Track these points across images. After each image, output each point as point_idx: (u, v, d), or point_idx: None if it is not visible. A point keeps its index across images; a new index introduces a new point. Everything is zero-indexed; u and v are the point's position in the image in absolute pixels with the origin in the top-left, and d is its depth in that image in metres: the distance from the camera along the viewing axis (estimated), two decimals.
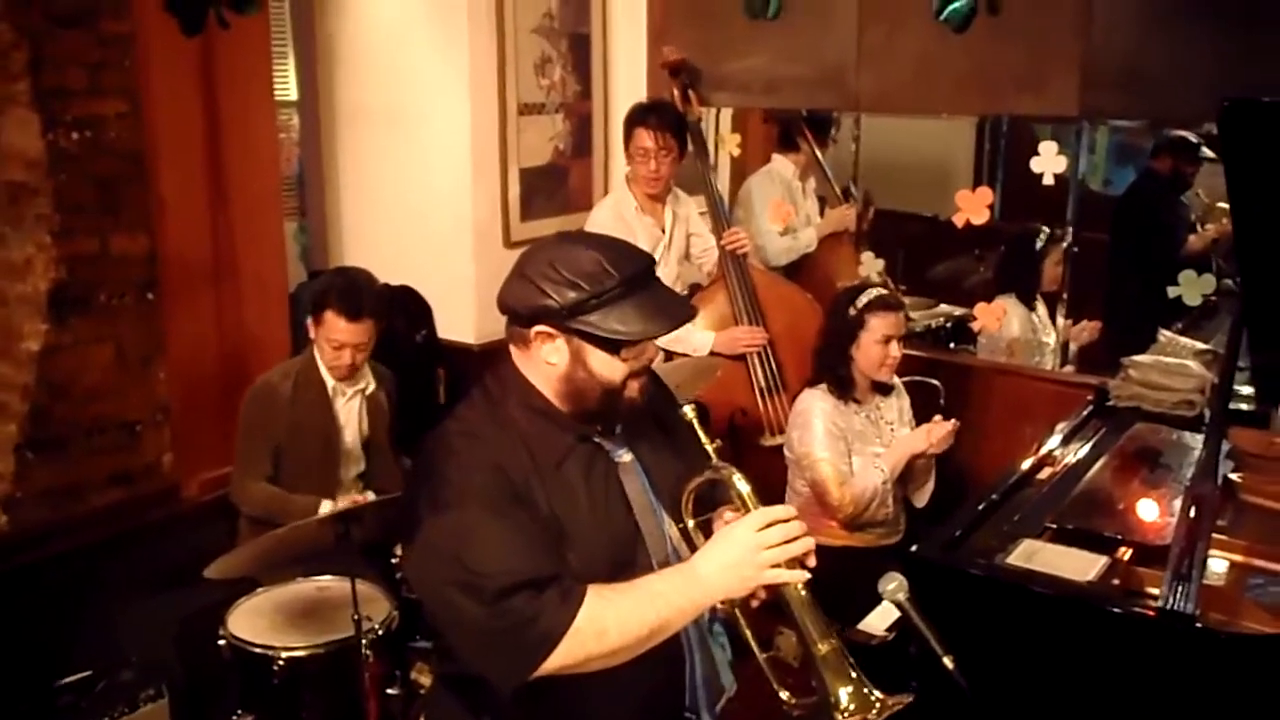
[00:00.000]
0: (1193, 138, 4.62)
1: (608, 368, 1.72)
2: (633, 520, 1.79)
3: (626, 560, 1.77)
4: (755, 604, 1.78)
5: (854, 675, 1.63)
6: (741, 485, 1.74)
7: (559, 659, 1.61)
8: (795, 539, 1.64)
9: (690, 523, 1.82)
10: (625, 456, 1.81)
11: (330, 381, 3.20)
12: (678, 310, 1.77)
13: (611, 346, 1.70)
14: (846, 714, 1.60)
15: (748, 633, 1.82)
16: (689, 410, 1.85)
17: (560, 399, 1.75)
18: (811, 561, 1.67)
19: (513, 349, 1.78)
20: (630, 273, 1.69)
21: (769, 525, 1.65)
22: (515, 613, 1.60)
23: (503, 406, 1.75)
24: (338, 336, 3.08)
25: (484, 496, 1.65)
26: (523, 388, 1.76)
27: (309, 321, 3.16)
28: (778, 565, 1.64)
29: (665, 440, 1.89)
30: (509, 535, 1.64)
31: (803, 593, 1.66)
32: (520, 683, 1.63)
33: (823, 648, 1.64)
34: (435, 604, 1.70)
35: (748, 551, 1.64)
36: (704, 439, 1.80)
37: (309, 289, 3.26)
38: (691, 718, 1.88)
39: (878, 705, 1.60)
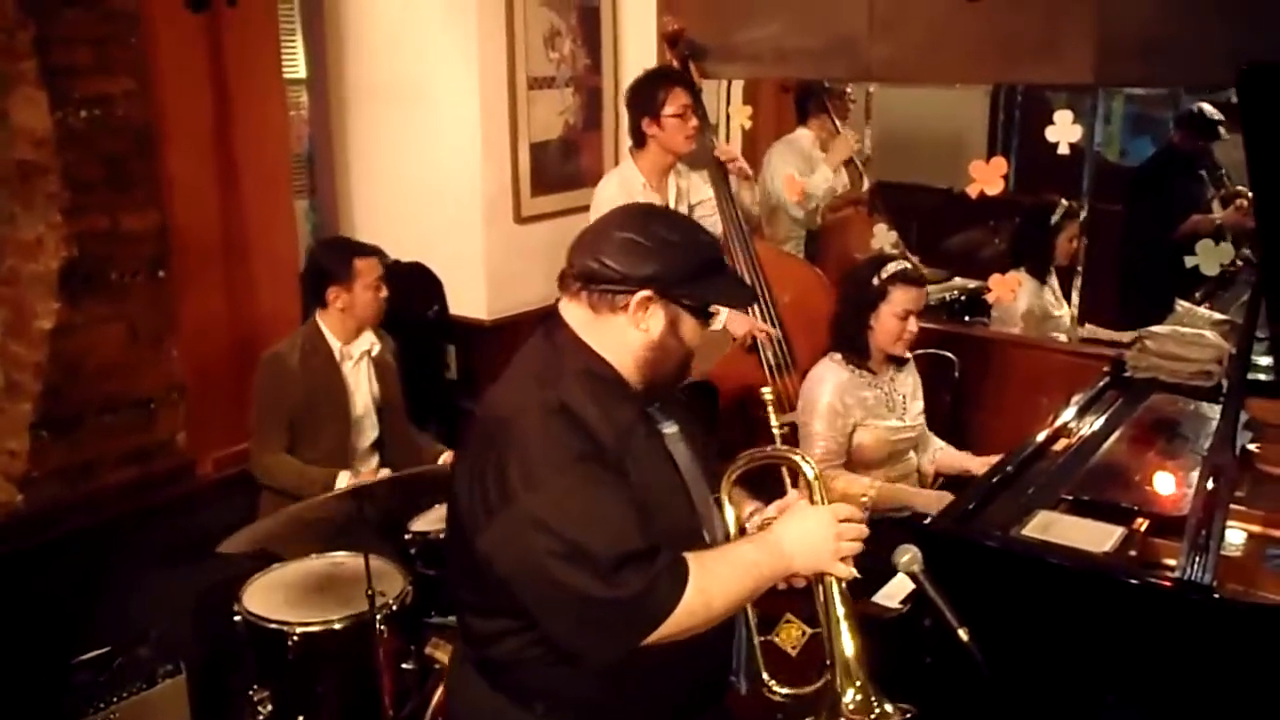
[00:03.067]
0: (1203, 109, 4.57)
1: (694, 336, 1.76)
2: (686, 489, 1.80)
3: (688, 529, 1.78)
4: (783, 587, 1.79)
5: (866, 680, 1.69)
6: (810, 470, 1.80)
7: (665, 630, 1.60)
8: (860, 540, 1.73)
9: (726, 496, 1.84)
10: (671, 428, 1.82)
11: (336, 345, 3.22)
12: (748, 287, 1.89)
13: (704, 316, 1.76)
14: (848, 710, 1.66)
15: (751, 613, 1.83)
16: (767, 392, 2.01)
17: (638, 366, 1.74)
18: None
19: (582, 314, 1.73)
20: (719, 247, 1.80)
21: (846, 519, 1.73)
22: (631, 584, 1.56)
23: (564, 373, 1.70)
24: (374, 275, 3.20)
25: (584, 464, 1.61)
26: (585, 354, 1.73)
27: (334, 290, 3.16)
28: (844, 558, 1.71)
29: (687, 416, 1.89)
30: (615, 504, 1.61)
31: (844, 589, 1.73)
32: (621, 656, 1.61)
33: (849, 646, 1.70)
34: (533, 579, 1.61)
35: (830, 538, 1.71)
36: (774, 421, 1.91)
37: (320, 264, 3.26)
38: (734, 680, 1.90)
39: (877, 712, 1.66)
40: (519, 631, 1.70)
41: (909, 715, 1.66)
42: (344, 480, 3.03)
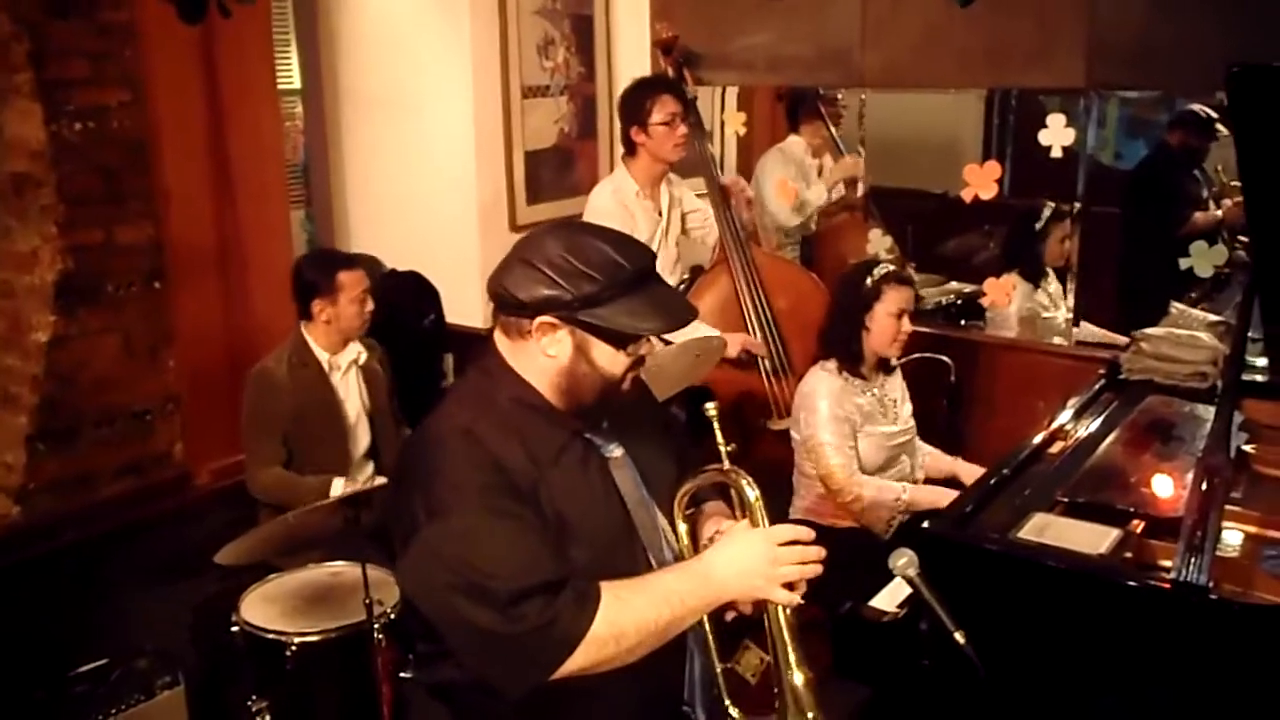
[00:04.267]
0: (1207, 112, 4.58)
1: (611, 362, 1.68)
2: (626, 515, 1.76)
3: (626, 555, 1.74)
4: (731, 616, 1.74)
5: (817, 712, 1.63)
6: (750, 493, 1.71)
7: (575, 663, 1.57)
8: (808, 563, 1.64)
9: (683, 525, 1.80)
10: (616, 451, 1.78)
11: (324, 357, 3.22)
12: (682, 307, 1.74)
13: (618, 341, 1.66)
14: None
15: (711, 639, 1.79)
16: (711, 408, 1.85)
17: (555, 393, 1.70)
18: (802, 588, 1.66)
19: (502, 340, 1.72)
20: (639, 267, 1.66)
21: (788, 542, 1.64)
22: (530, 618, 1.54)
23: (493, 401, 1.69)
24: (359, 288, 3.18)
25: (487, 497, 1.59)
26: (513, 381, 1.70)
27: (319, 303, 3.16)
28: (786, 584, 1.63)
29: (650, 436, 1.86)
30: (517, 537, 1.59)
31: (790, 617, 1.66)
32: (531, 689, 1.59)
33: (797, 676, 1.64)
34: (437, 611, 1.62)
35: (764, 563, 1.62)
36: (719, 439, 1.77)
37: (305, 277, 3.25)
38: (689, 711, 1.85)
39: None
40: (451, 656, 1.68)
41: None
42: (338, 487, 3.05)
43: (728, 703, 1.77)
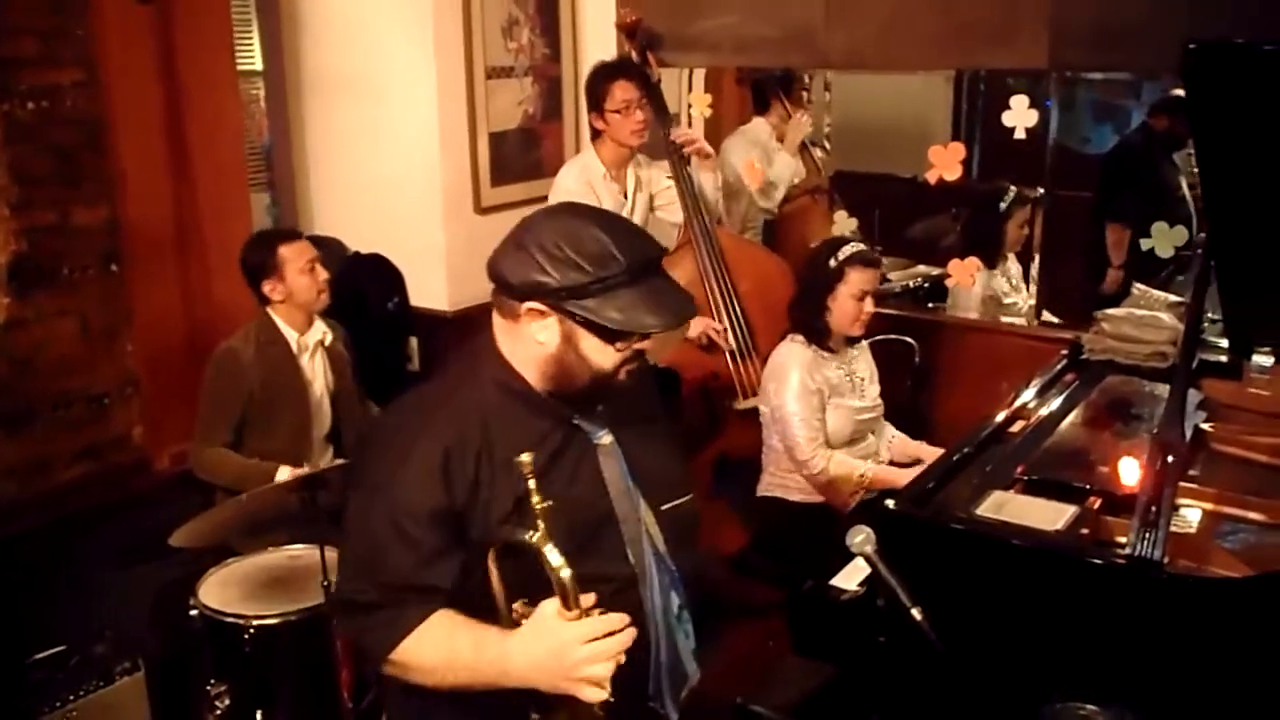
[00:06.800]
0: None
1: (600, 355, 1.64)
2: (607, 502, 1.72)
3: (589, 545, 1.68)
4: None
5: None
6: (558, 566, 1.51)
7: (395, 669, 1.66)
8: (616, 659, 1.55)
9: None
10: (605, 438, 1.74)
11: (293, 337, 3.18)
12: (680, 306, 1.66)
13: (607, 335, 1.61)
14: None
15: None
16: (526, 460, 1.62)
17: (543, 379, 1.67)
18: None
19: (498, 319, 1.69)
20: (637, 260, 1.59)
21: (601, 637, 1.53)
22: (361, 601, 1.65)
23: (474, 382, 1.67)
24: (304, 258, 3.12)
25: (400, 508, 1.61)
26: (499, 365, 1.68)
27: (268, 283, 3.12)
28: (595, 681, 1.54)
29: (644, 424, 1.82)
30: (400, 543, 1.61)
31: (598, 709, 1.56)
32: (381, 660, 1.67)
33: None
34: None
35: (568, 665, 1.53)
36: (535, 499, 1.53)
37: (248, 261, 3.19)
38: (655, 707, 1.80)
39: None
40: None
41: None
42: (283, 475, 2.98)
43: None
